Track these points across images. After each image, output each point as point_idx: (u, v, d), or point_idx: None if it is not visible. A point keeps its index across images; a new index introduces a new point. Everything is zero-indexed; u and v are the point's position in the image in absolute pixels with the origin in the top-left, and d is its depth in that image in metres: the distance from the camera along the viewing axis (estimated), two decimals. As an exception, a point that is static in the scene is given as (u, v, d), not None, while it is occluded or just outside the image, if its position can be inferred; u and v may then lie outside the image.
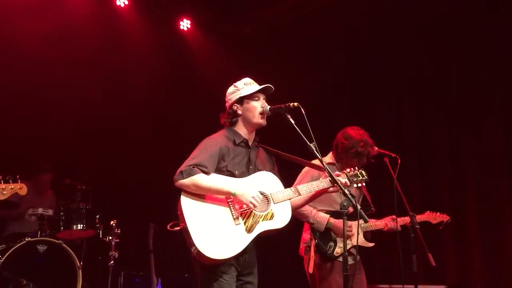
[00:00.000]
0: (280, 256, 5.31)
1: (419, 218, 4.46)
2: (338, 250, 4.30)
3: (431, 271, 5.22)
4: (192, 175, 3.24)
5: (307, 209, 4.25)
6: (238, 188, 3.29)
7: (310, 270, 4.24)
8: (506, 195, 5.83)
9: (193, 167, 3.27)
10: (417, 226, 4.25)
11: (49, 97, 6.63)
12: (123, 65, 7.16)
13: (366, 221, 3.35)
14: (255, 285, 3.47)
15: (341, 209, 3.24)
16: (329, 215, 4.34)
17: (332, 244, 4.31)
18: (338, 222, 4.28)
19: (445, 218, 4.48)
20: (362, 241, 4.41)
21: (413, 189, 6.44)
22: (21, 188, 3.85)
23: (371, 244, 4.42)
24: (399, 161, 4.29)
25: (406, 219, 4.37)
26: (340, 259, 4.27)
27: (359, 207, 3.20)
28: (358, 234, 4.31)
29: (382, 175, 5.44)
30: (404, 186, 4.36)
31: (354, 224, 4.29)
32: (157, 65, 7.48)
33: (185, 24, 8.04)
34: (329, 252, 4.30)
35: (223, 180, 3.36)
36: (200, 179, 3.25)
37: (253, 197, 3.27)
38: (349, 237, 4.30)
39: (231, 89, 3.62)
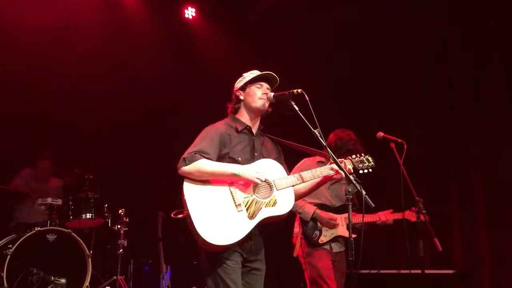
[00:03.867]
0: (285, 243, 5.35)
1: (398, 215, 4.78)
2: (322, 238, 4.72)
3: (437, 256, 5.23)
4: (194, 161, 3.29)
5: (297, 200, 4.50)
6: (240, 168, 3.34)
7: (294, 255, 4.74)
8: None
9: (195, 154, 3.32)
10: (423, 211, 4.25)
11: (55, 89, 6.69)
12: (128, 54, 7.18)
13: (371, 207, 3.32)
14: (262, 271, 3.48)
15: (346, 195, 3.22)
16: (316, 207, 4.73)
17: (317, 232, 4.73)
18: (323, 213, 4.72)
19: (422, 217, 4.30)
20: (344, 231, 4.72)
21: (419, 174, 6.39)
22: None
23: (353, 236, 4.48)
24: (405, 146, 4.29)
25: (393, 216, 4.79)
26: (325, 246, 4.72)
27: (364, 192, 3.18)
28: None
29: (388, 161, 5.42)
30: (410, 171, 4.34)
31: (338, 216, 4.74)
32: (162, 53, 7.50)
33: (190, 12, 8.03)
34: (315, 239, 4.70)
35: (226, 163, 3.40)
36: (203, 164, 3.30)
37: (256, 172, 3.33)
38: (334, 226, 4.71)
39: (239, 79, 3.69)
